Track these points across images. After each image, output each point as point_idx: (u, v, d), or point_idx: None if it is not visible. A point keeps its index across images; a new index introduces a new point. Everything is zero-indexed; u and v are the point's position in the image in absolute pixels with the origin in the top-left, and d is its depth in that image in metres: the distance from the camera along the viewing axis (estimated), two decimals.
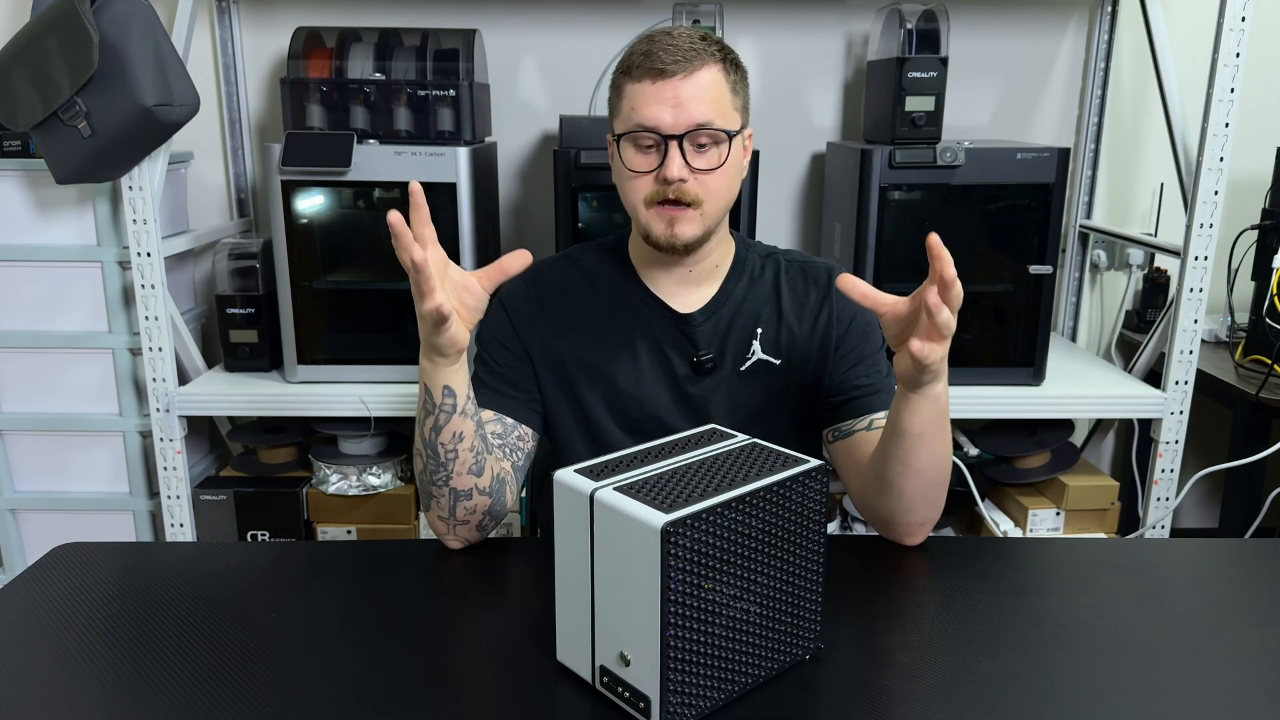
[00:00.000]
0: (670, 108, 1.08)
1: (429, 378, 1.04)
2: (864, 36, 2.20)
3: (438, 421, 1.05)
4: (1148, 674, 0.87)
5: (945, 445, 1.07)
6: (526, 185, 2.27)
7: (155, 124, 1.68)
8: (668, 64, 1.08)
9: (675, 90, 1.08)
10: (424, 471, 1.09)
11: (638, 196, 1.13)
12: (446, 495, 1.09)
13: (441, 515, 1.10)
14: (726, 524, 0.78)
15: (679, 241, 1.13)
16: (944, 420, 1.05)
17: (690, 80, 1.08)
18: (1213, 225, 1.80)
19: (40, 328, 2.00)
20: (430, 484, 1.09)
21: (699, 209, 1.12)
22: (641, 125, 1.10)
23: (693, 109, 1.08)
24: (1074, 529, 2.03)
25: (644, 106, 1.09)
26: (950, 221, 1.87)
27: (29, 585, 1.04)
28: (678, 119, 1.08)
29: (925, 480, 1.07)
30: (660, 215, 1.12)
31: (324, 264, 1.89)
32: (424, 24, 2.11)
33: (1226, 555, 1.14)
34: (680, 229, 1.12)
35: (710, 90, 1.09)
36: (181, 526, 1.98)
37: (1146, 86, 2.26)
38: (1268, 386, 1.89)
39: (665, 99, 1.08)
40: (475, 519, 1.11)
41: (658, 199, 1.12)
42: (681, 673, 0.78)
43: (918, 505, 1.09)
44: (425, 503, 1.12)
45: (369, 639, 0.93)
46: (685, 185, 1.10)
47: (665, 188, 1.10)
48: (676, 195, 1.11)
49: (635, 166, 1.12)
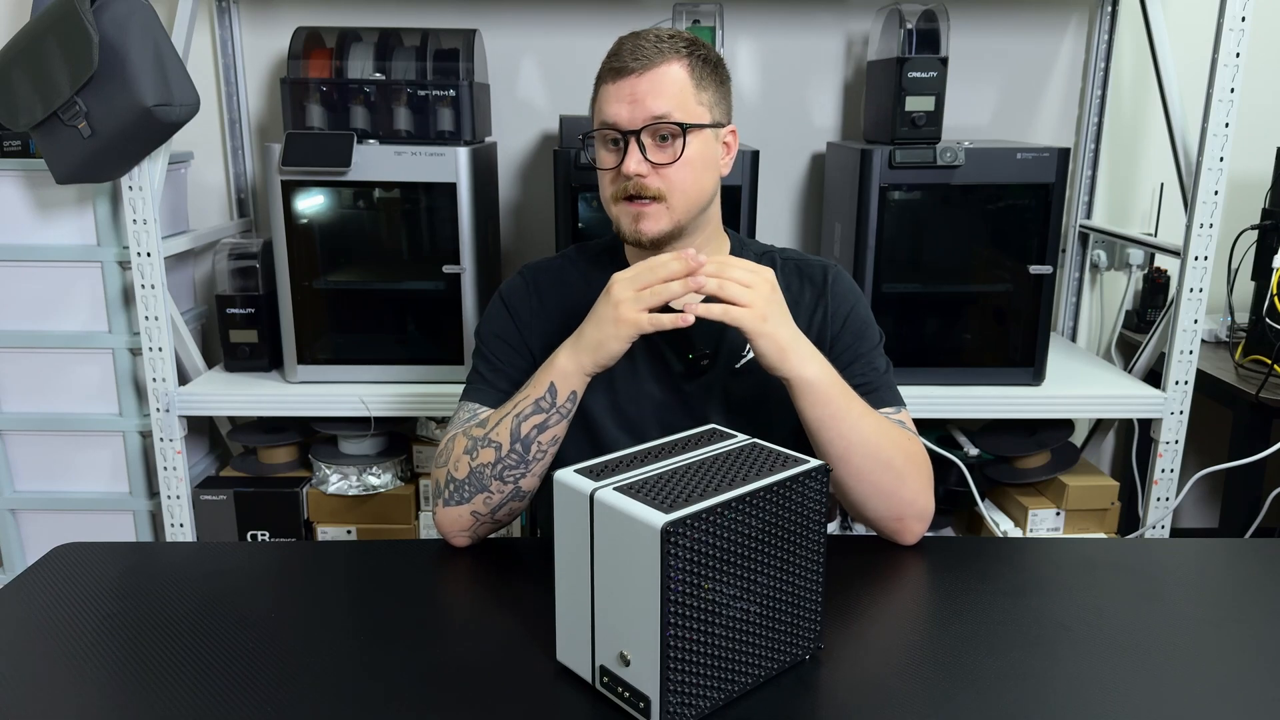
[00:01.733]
0: (628, 104, 1.10)
1: (563, 378, 1.08)
2: (864, 36, 2.20)
3: (547, 421, 1.08)
4: (1148, 674, 0.87)
5: (859, 431, 1.08)
6: (526, 185, 2.27)
7: (155, 124, 1.68)
8: (628, 62, 1.11)
9: (633, 87, 1.10)
10: (493, 464, 1.09)
11: (606, 193, 1.16)
12: (507, 492, 1.10)
13: (479, 511, 1.11)
14: (726, 524, 0.78)
15: (644, 237, 1.14)
16: (838, 403, 1.07)
17: (647, 76, 1.10)
18: (1213, 225, 1.80)
19: (40, 328, 2.00)
20: (494, 478, 1.10)
21: (664, 203, 1.13)
22: (604, 122, 1.13)
23: (649, 103, 1.10)
24: (1074, 529, 2.03)
25: (606, 104, 1.12)
26: (950, 221, 1.87)
27: (29, 585, 1.04)
28: (634, 114, 1.10)
29: (854, 469, 1.08)
30: (627, 211, 1.14)
31: (324, 264, 1.89)
32: (424, 24, 2.11)
33: (1226, 555, 1.14)
34: (645, 225, 1.13)
35: (669, 85, 1.11)
36: (181, 526, 1.98)
37: (1146, 86, 2.26)
38: (1268, 386, 1.89)
39: (624, 95, 1.11)
40: (506, 520, 1.14)
41: (622, 195, 1.13)
42: (681, 673, 0.78)
43: (869, 498, 1.10)
44: (466, 495, 1.11)
45: (369, 639, 0.93)
46: (645, 180, 1.11)
47: (626, 183, 1.12)
48: (636, 190, 1.12)
49: (602, 164, 1.15)
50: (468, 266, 1.86)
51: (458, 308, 1.89)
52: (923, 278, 1.90)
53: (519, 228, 2.29)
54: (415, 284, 1.91)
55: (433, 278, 1.88)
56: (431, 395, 1.90)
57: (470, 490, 1.11)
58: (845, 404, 1.07)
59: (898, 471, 1.10)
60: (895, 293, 1.87)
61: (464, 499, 1.11)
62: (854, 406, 1.08)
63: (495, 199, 2.12)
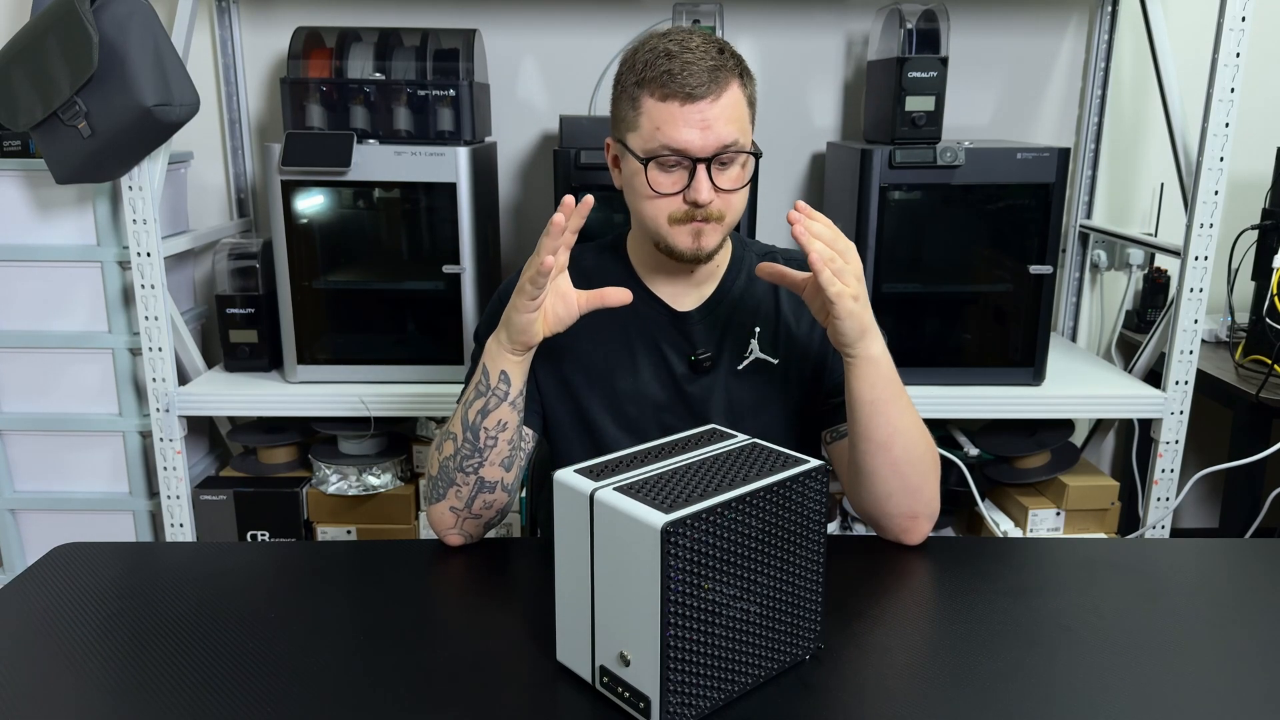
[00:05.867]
0: (699, 130, 1.07)
1: (491, 358, 1.08)
2: (864, 36, 2.20)
3: (487, 405, 1.08)
4: (1148, 674, 0.87)
5: (906, 420, 1.08)
6: (526, 185, 2.27)
7: (155, 124, 1.68)
8: (695, 86, 1.06)
9: (703, 114, 1.07)
10: (454, 456, 1.10)
11: (661, 215, 1.12)
12: (471, 484, 1.10)
13: (455, 506, 1.11)
14: (726, 524, 0.78)
15: (703, 253, 1.14)
16: (895, 388, 1.07)
17: (718, 103, 1.08)
18: (1213, 225, 1.80)
19: (40, 328, 2.00)
20: (457, 470, 1.10)
21: (721, 222, 1.13)
22: (669, 148, 1.08)
23: (720, 130, 1.08)
24: (1074, 529, 2.03)
25: (671, 129, 1.08)
26: (950, 221, 1.87)
27: (29, 585, 1.04)
28: (706, 142, 1.08)
29: (893, 458, 1.08)
30: (686, 230, 1.12)
31: (324, 264, 1.89)
32: (424, 24, 2.11)
33: (1226, 555, 1.14)
34: (705, 241, 1.13)
35: (734, 110, 1.09)
36: (181, 526, 1.98)
37: (1146, 86, 2.26)
38: (1268, 386, 1.89)
39: (694, 122, 1.07)
40: (488, 515, 1.13)
41: (685, 219, 1.11)
42: (681, 673, 0.78)
43: (896, 492, 1.10)
44: (440, 492, 1.12)
45: (369, 639, 0.93)
46: (712, 205, 1.10)
47: (693, 209, 1.10)
48: (705, 216, 1.11)
49: (660, 187, 1.11)
50: (468, 266, 1.86)
51: (458, 308, 1.89)
52: (923, 278, 1.90)
53: (519, 228, 2.29)
54: (415, 284, 1.91)
55: (433, 278, 1.88)
56: (431, 395, 1.90)
57: (443, 485, 1.12)
58: (899, 389, 1.08)
59: (928, 467, 1.11)
60: (895, 293, 1.87)
61: (440, 495, 1.12)
62: (904, 394, 1.09)
63: (495, 199, 2.12)
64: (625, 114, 1.13)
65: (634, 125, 1.11)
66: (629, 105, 1.12)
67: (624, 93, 1.13)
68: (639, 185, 1.12)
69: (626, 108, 1.12)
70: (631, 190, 1.15)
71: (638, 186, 1.13)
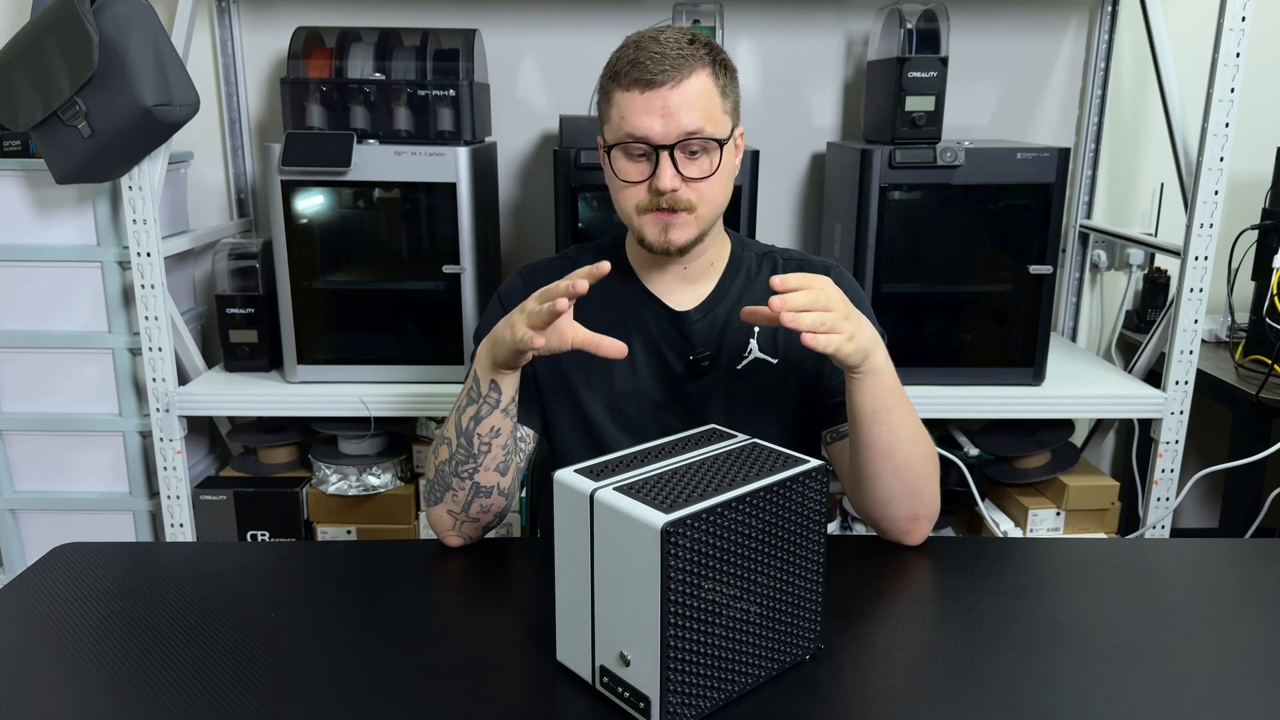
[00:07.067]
0: (660, 117, 1.08)
1: (481, 366, 1.08)
2: (864, 36, 2.20)
3: (479, 412, 1.08)
4: (1148, 674, 0.87)
5: (908, 426, 1.08)
6: (526, 185, 2.27)
7: (155, 124, 1.68)
8: (655, 73, 1.07)
9: (664, 99, 1.08)
10: (449, 461, 1.10)
11: (630, 204, 1.14)
12: (467, 489, 1.10)
13: (453, 510, 1.11)
14: (726, 524, 0.78)
15: (673, 246, 1.14)
16: (897, 396, 1.06)
17: (679, 89, 1.08)
18: (1213, 225, 1.80)
19: (40, 328, 2.00)
20: (453, 475, 1.10)
21: (693, 213, 1.12)
22: (631, 135, 1.10)
23: (683, 118, 1.08)
24: (1074, 529, 2.03)
25: (633, 116, 1.09)
26: (950, 221, 1.87)
27: (29, 585, 1.04)
28: (668, 129, 1.08)
29: (895, 464, 1.08)
30: (655, 221, 1.13)
31: (324, 264, 1.89)
32: (424, 24, 2.11)
33: (1226, 555, 1.14)
34: (674, 234, 1.13)
35: (700, 97, 1.09)
36: (181, 526, 1.98)
37: (1146, 86, 2.26)
38: (1268, 386, 1.89)
39: (654, 108, 1.08)
40: (486, 519, 1.13)
41: (651, 208, 1.12)
42: (681, 673, 0.78)
43: (898, 496, 1.10)
44: (437, 495, 1.12)
45: (369, 639, 0.93)
46: (678, 194, 1.10)
47: (658, 197, 1.11)
48: (670, 204, 1.11)
49: (627, 176, 1.12)
50: (468, 266, 1.86)
51: (458, 308, 1.89)
52: (923, 278, 1.90)
53: (519, 228, 2.29)
54: (415, 284, 1.91)
55: (433, 278, 1.88)
56: (431, 395, 1.90)
57: (440, 489, 1.12)
58: (901, 396, 1.08)
59: (928, 470, 1.11)
60: (895, 293, 1.87)
61: (437, 499, 1.12)
62: (905, 400, 1.09)
63: (495, 199, 2.12)
64: (602, 109, 1.15)
65: (607, 117, 1.14)
66: (604, 101, 1.15)
67: (602, 91, 1.15)
68: (610, 174, 1.15)
69: (603, 104, 1.15)
70: (610, 183, 1.16)
71: (610, 176, 1.15)
